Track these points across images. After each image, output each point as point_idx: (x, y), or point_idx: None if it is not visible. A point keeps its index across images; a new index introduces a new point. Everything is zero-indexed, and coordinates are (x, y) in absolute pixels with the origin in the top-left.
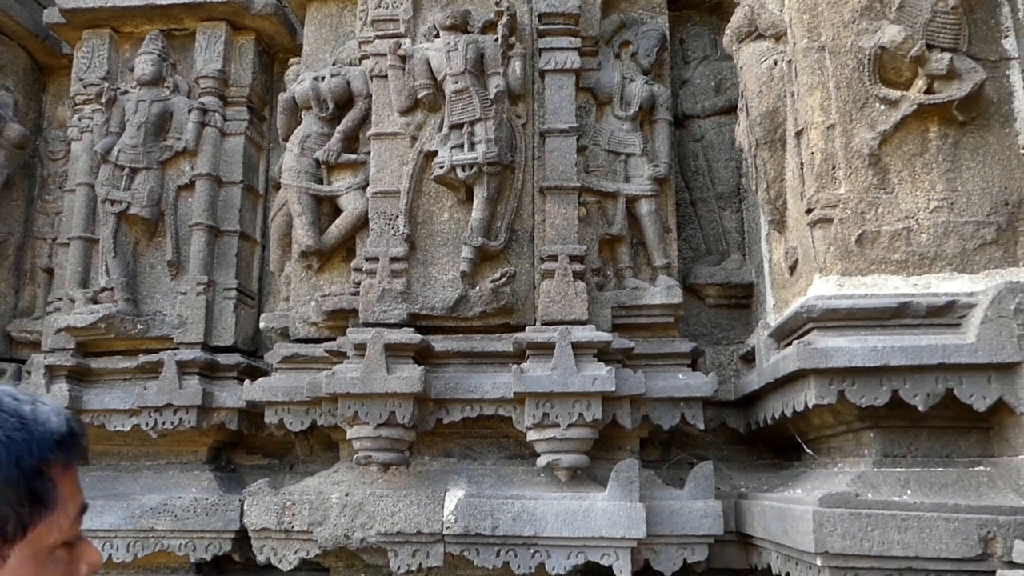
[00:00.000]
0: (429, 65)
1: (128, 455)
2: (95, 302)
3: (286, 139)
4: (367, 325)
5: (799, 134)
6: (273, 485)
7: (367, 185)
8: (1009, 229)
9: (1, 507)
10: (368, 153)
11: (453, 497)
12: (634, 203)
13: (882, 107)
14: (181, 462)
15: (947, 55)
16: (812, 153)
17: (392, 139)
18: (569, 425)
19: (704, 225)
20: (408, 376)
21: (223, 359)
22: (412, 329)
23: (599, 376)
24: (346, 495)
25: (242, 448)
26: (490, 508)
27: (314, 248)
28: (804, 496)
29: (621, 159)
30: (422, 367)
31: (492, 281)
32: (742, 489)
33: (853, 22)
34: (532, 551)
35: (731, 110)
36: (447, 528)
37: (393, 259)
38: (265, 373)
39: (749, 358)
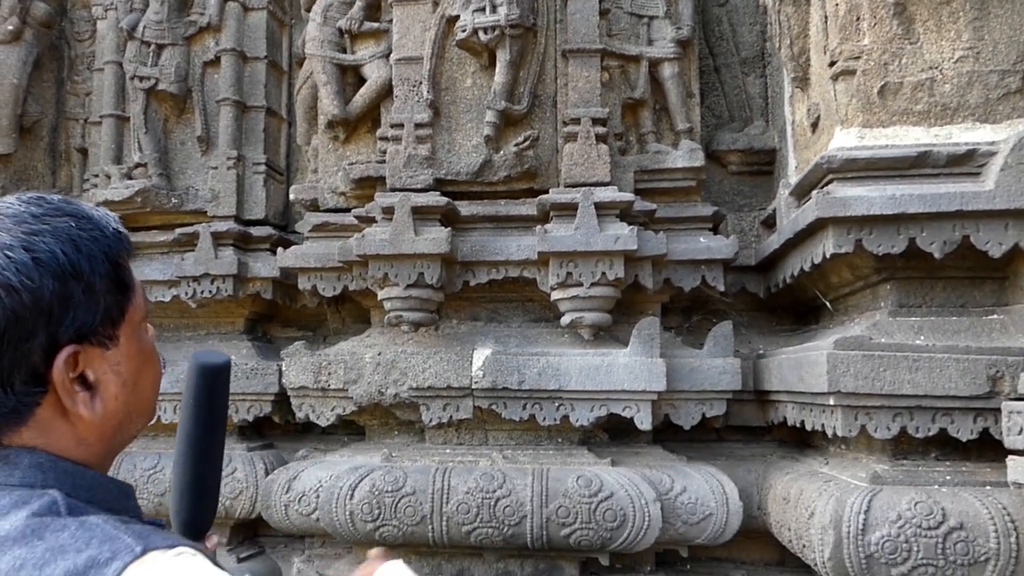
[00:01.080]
0: None
1: (170, 326)
2: (130, 178)
3: (309, 9)
4: (394, 191)
5: None
6: (309, 348)
7: (390, 53)
8: None
9: (107, 298)
10: (391, 21)
11: (481, 354)
12: (657, 67)
13: None
14: (220, 332)
15: None
16: (836, 4)
17: (414, 5)
18: (592, 284)
19: (727, 91)
20: (435, 237)
21: (255, 231)
22: (438, 193)
23: (621, 235)
24: (379, 354)
25: (277, 321)
26: (516, 364)
27: (340, 117)
28: (819, 344)
29: (644, 22)
30: (449, 229)
31: (516, 145)
32: (761, 351)
33: None
34: (557, 404)
35: None
36: (476, 383)
37: (418, 125)
38: (295, 244)
39: (770, 223)
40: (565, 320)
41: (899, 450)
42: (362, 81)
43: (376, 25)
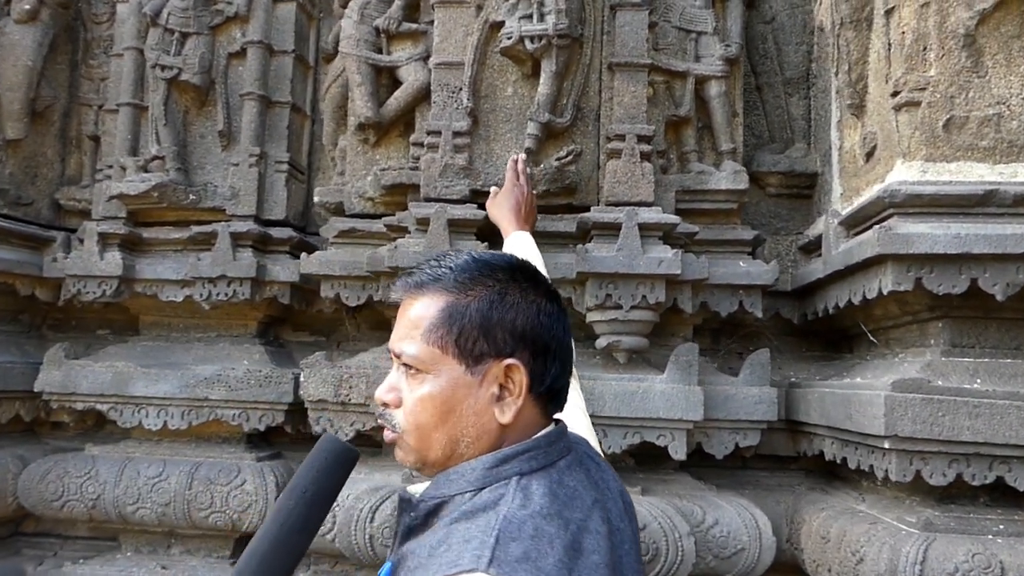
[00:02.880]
0: None
1: (179, 327)
2: (145, 170)
3: (344, 5)
4: (428, 200)
5: (889, 12)
6: (329, 358)
7: (428, 56)
8: None
9: None
10: (430, 23)
11: None
12: (703, 84)
13: None
14: (232, 335)
15: None
16: (903, 33)
17: (457, 7)
18: (632, 307)
19: (769, 111)
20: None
21: (276, 232)
22: (475, 206)
23: (665, 259)
24: None
25: (289, 324)
26: None
27: (373, 120)
28: (871, 382)
29: (691, 37)
30: (485, 243)
31: (558, 159)
32: (792, 379)
33: None
34: None
35: None
36: None
37: (456, 133)
38: (315, 248)
39: (809, 248)
40: (601, 343)
41: (947, 494)
42: (396, 83)
43: (415, 26)
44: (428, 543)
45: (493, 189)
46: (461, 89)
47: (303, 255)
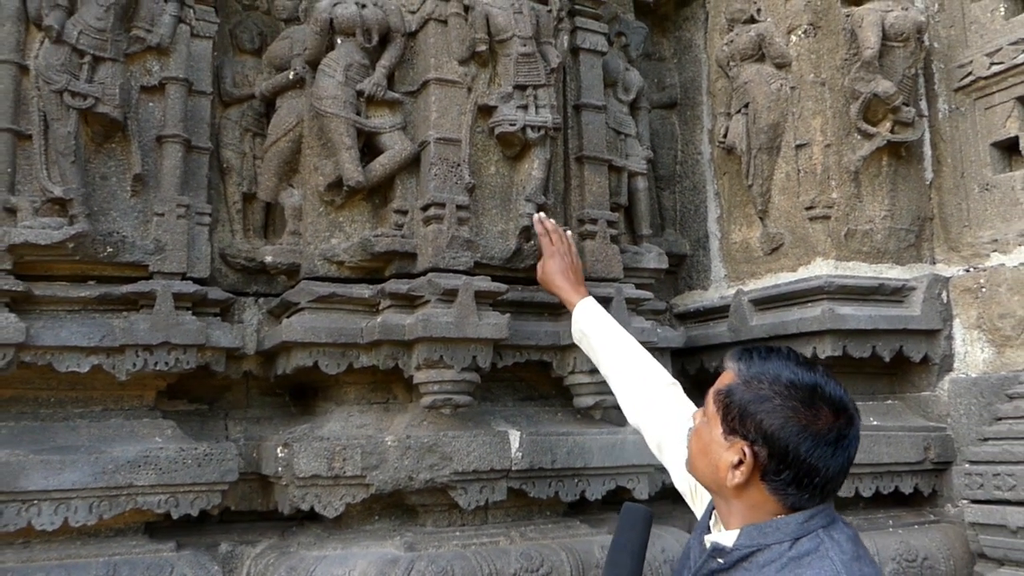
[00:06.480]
0: (487, 21)
1: (49, 401)
2: (39, 214)
3: (312, 62)
4: (433, 270)
5: (800, 147)
6: (313, 429)
7: (405, 126)
8: (920, 236)
9: None
10: (406, 93)
11: (514, 435)
12: (633, 179)
13: (859, 137)
14: (123, 408)
15: (912, 108)
16: (815, 163)
17: (452, 87)
18: None
19: None
20: (496, 323)
21: (212, 293)
22: (489, 278)
23: (646, 328)
24: (407, 437)
25: (163, 393)
26: (549, 444)
27: (363, 185)
28: None
29: (622, 138)
30: (507, 315)
31: None
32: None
33: (843, 69)
34: (577, 480)
35: (671, 106)
36: (515, 464)
37: (459, 207)
38: (231, 309)
39: (686, 316)
40: (587, 402)
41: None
42: (366, 146)
43: (397, 95)
44: None
45: (540, 264)
46: (459, 164)
47: (285, 320)
